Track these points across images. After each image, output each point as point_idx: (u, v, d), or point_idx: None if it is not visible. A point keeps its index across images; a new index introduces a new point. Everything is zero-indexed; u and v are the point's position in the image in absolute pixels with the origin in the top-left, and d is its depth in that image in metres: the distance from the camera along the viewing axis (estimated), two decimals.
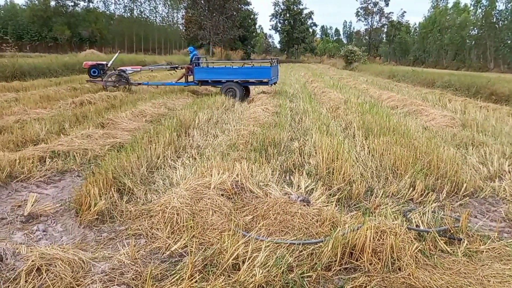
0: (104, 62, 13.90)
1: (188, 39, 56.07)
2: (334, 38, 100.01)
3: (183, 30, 60.31)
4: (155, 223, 3.47)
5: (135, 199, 4.04)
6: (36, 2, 51.19)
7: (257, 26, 72.03)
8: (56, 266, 2.65)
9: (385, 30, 73.29)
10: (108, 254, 3.03)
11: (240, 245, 2.80)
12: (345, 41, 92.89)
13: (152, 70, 14.93)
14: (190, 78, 12.93)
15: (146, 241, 3.28)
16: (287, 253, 2.85)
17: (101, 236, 3.41)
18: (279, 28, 74.99)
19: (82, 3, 53.28)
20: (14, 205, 3.95)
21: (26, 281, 2.49)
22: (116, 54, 15.19)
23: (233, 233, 2.97)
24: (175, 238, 3.23)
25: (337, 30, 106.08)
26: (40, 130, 6.42)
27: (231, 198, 3.69)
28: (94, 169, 4.50)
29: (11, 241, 3.24)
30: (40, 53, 40.58)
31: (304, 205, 3.50)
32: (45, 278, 2.54)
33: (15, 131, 6.32)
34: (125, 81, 13.06)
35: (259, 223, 3.29)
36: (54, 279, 2.55)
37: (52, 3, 51.02)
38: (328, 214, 3.36)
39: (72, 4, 52.86)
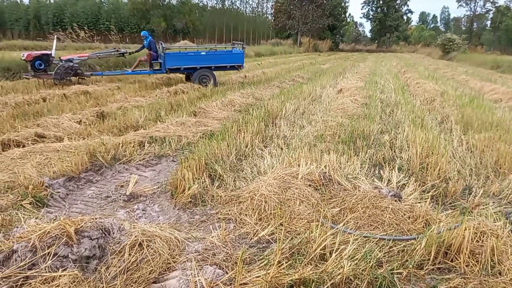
0: (49, 52, 11.33)
1: (276, 29, 56.32)
2: (431, 26, 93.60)
3: (272, 20, 60.65)
4: (243, 209, 3.58)
5: (224, 185, 4.20)
6: None
7: (347, 15, 69.71)
8: (155, 242, 2.86)
9: (490, 16, 66.74)
10: (201, 235, 3.20)
11: (328, 236, 2.78)
12: (442, 29, 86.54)
13: (99, 58, 12.27)
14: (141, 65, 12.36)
15: (235, 226, 3.40)
16: (376, 248, 2.78)
17: (193, 218, 3.61)
18: (371, 16, 71.91)
19: None
20: (117, 185, 4.34)
21: (129, 254, 2.72)
22: (55, 41, 12.43)
23: (321, 224, 2.96)
24: (263, 225, 3.30)
25: (434, 17, 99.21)
26: (139, 117, 6.93)
27: (319, 189, 3.67)
28: (188, 155, 4.75)
29: (116, 217, 3.57)
30: (138, 44, 43.65)
31: (395, 200, 3.36)
32: (145, 252, 2.76)
33: (118, 117, 6.91)
34: (73, 72, 11.13)
35: (347, 216, 3.23)
36: (154, 254, 2.76)
37: None
38: (421, 211, 3.19)
39: None
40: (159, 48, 12.06)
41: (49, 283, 2.34)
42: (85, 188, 4.32)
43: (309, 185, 3.67)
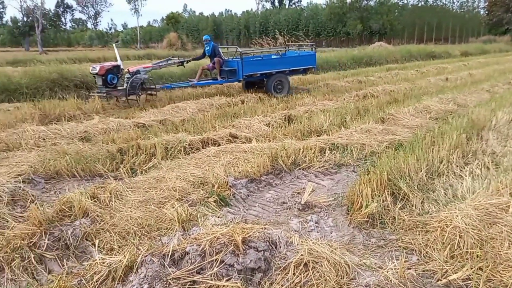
0: (119, 63, 9.47)
1: (490, 25, 49.24)
2: None
3: (485, 15, 53.24)
4: (430, 241, 3.00)
5: (409, 206, 3.63)
6: (335, 0, 56.01)
7: None
8: (322, 265, 2.59)
9: None
10: (375, 264, 2.79)
11: None
12: None
13: (160, 67, 10.46)
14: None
15: (418, 259, 2.87)
16: None
17: (369, 241, 3.21)
18: None
19: None
20: (294, 191, 4.24)
21: (293, 274, 2.52)
22: (115, 48, 10.89)
23: None
24: (455, 265, 2.68)
25: None
26: (324, 122, 6.78)
27: None
28: (369, 167, 4.33)
29: (288, 227, 3.46)
30: (333, 47, 44.45)
31: None
32: (310, 275, 2.52)
33: (303, 121, 6.91)
34: (140, 87, 9.25)
35: None
36: (319, 279, 2.49)
37: (349, 0, 54.58)
38: None
39: None
40: (228, 52, 11.25)
41: None
42: (264, 191, 4.38)
43: None
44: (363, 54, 21.30)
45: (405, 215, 3.43)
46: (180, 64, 10.58)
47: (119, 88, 9.19)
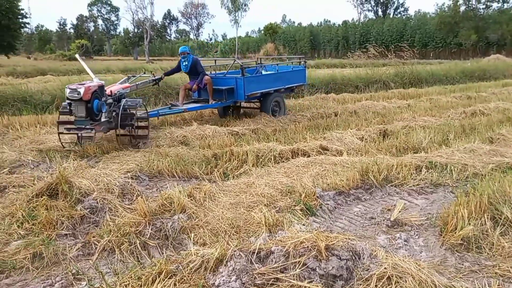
0: (100, 82, 6.33)
1: None
2: None
3: None
4: None
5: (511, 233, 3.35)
6: (446, 9, 52.44)
7: None
8: (406, 281, 2.54)
9: None
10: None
11: None
12: None
13: (138, 88, 8.12)
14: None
15: None
16: None
17: (462, 264, 3.04)
18: None
19: (495, 5, 50.00)
20: (384, 207, 4.15)
21: (375, 286, 2.51)
22: (82, 62, 7.70)
23: None
24: None
25: None
26: (423, 139, 6.47)
27: None
28: (469, 189, 4.06)
29: (374, 242, 3.41)
30: (442, 59, 41.61)
31: None
32: None
33: (400, 136, 6.68)
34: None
35: None
36: None
37: (462, 8, 50.69)
38: None
39: (484, 6, 50.49)
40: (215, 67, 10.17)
41: None
42: (352, 205, 4.34)
43: None
44: (476, 67, 19.72)
45: (506, 242, 3.18)
46: (155, 83, 8.65)
47: (102, 120, 6.23)
